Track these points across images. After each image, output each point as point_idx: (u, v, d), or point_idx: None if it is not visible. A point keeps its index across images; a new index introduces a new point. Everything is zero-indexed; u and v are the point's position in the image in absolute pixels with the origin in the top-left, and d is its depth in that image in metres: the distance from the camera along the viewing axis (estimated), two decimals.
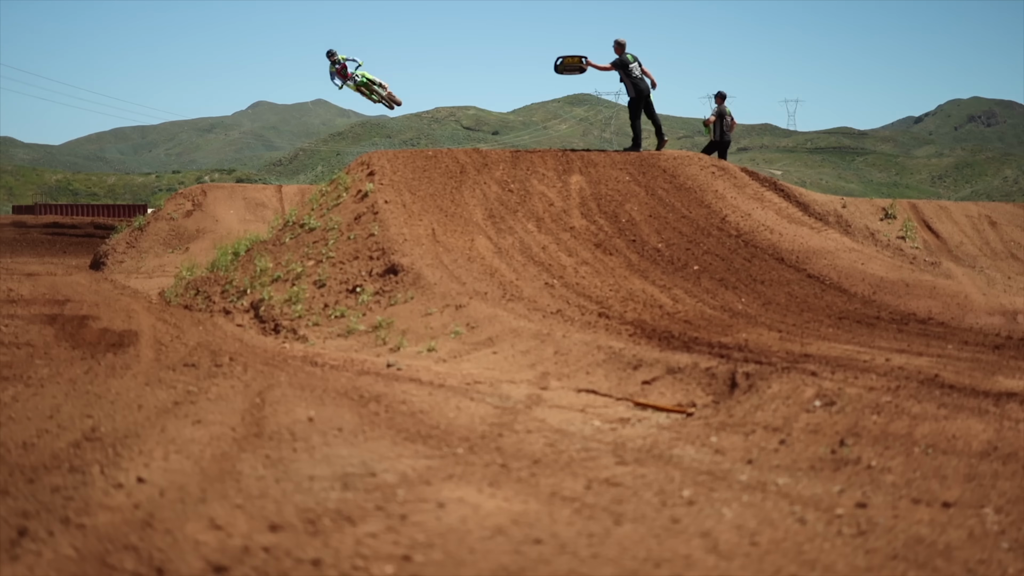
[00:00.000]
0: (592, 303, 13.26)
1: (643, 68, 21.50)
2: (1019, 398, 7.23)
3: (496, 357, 10.58)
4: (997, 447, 6.02)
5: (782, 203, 19.12)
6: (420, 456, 5.96)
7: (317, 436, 6.28)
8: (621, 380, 9.10)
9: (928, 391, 7.49)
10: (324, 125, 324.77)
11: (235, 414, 6.82)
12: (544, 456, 6.12)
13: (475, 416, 7.34)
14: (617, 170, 19.23)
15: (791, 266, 15.59)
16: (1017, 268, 20.29)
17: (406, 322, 12.50)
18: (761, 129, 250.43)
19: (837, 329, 11.77)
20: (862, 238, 19.32)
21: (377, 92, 25.84)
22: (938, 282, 14.94)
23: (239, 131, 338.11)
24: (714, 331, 11.39)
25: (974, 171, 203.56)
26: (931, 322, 12.53)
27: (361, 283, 14.07)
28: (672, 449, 6.40)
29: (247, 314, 14.16)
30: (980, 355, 9.78)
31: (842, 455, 6.08)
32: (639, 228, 16.80)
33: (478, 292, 13.32)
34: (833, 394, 7.40)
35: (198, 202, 30.27)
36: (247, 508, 4.84)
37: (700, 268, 15.24)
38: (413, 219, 15.90)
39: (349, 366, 9.55)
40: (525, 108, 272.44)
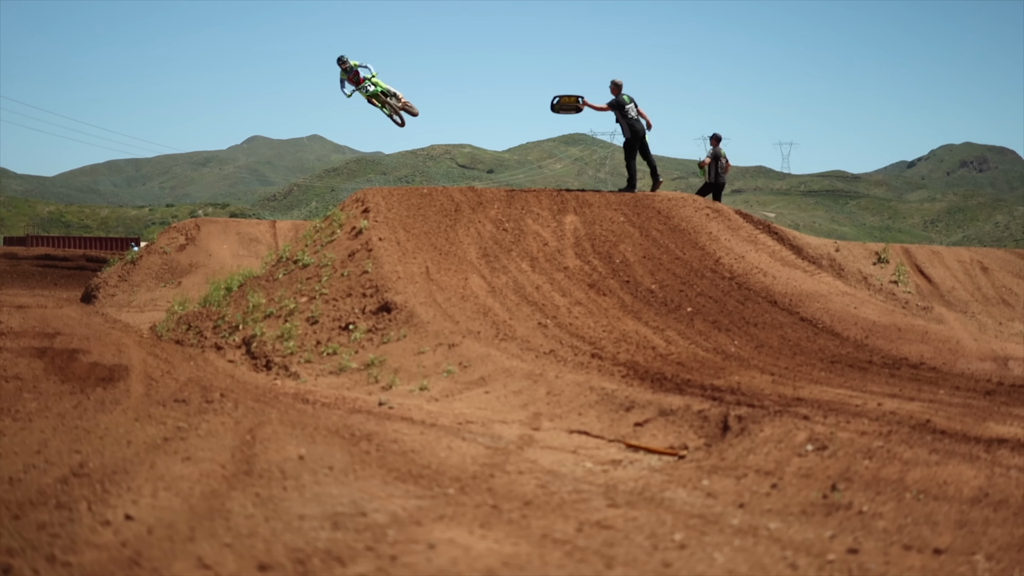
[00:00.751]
0: (585, 344, 13.25)
1: (639, 109, 21.56)
2: (1010, 444, 7.22)
3: (488, 397, 10.55)
4: (988, 493, 6.01)
5: (776, 246, 19.14)
6: (411, 496, 5.93)
7: (308, 474, 6.25)
8: (613, 421, 9.08)
9: (920, 436, 7.48)
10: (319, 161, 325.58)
11: (225, 451, 6.79)
12: (535, 497, 6.09)
13: (467, 456, 7.31)
14: (612, 211, 19.25)
15: (784, 309, 15.59)
16: (1009, 314, 20.31)
17: (398, 360, 12.47)
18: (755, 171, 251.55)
19: (829, 373, 11.76)
20: (855, 282, 19.35)
21: (390, 104, 24.61)
22: (930, 327, 14.93)
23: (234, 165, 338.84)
24: (707, 373, 11.38)
25: (966, 216, 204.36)
26: (923, 367, 12.53)
27: (354, 320, 14.05)
28: (664, 492, 6.38)
29: (239, 350, 14.14)
30: (972, 401, 9.77)
31: (834, 500, 6.06)
32: (633, 269, 16.80)
33: (471, 331, 13.30)
34: (825, 438, 7.38)
35: (191, 236, 30.25)
36: (236, 547, 4.81)
37: (693, 310, 15.23)
38: (407, 257, 15.90)
39: (341, 404, 9.52)
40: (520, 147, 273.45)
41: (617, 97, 21.48)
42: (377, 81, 24.16)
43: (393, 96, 24.56)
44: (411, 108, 25.10)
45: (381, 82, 24.22)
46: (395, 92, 24.59)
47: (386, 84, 24.33)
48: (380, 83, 24.18)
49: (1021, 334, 17.49)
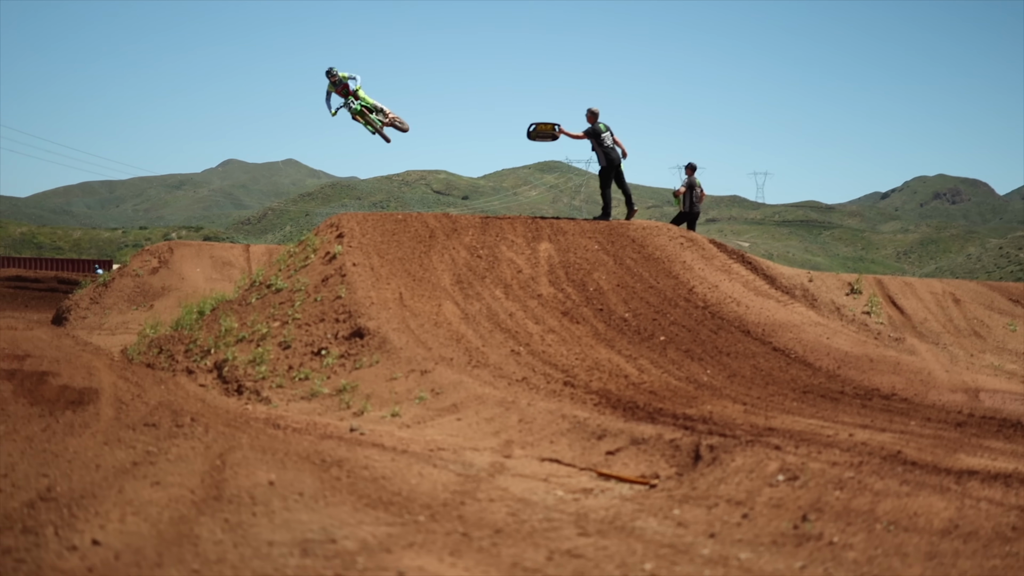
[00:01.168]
0: (558, 371, 13.24)
1: (615, 137, 21.62)
2: (980, 476, 7.24)
3: (460, 424, 10.53)
4: (958, 525, 6.02)
5: (749, 276, 19.18)
6: (381, 523, 5.91)
7: (277, 500, 6.22)
8: (585, 450, 9.07)
9: (891, 467, 7.49)
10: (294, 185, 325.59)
11: (195, 476, 6.74)
12: (506, 526, 6.08)
13: (437, 483, 7.28)
14: (586, 238, 19.27)
15: (757, 339, 15.61)
16: (980, 346, 20.37)
17: (371, 386, 12.44)
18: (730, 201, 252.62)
19: (801, 403, 11.78)
20: (828, 312, 19.40)
21: (373, 122, 23.71)
22: (902, 358, 14.98)
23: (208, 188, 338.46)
24: (679, 402, 11.38)
25: (939, 248, 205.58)
26: (895, 398, 12.56)
27: (326, 346, 14.02)
28: (635, 521, 6.37)
29: (210, 374, 14.08)
30: (943, 432, 9.80)
31: (804, 530, 6.06)
32: (606, 297, 16.81)
33: (444, 358, 13.28)
34: (796, 469, 7.39)
35: (164, 259, 30.16)
36: (204, 573, 4.78)
37: (666, 339, 15.24)
38: (381, 282, 15.87)
39: (312, 429, 9.48)
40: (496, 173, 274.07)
41: (593, 125, 21.53)
42: (363, 96, 23.53)
43: (379, 112, 23.89)
44: (400, 124, 24.48)
45: (367, 96, 23.59)
46: (381, 107, 23.91)
47: (372, 99, 23.70)
48: (366, 97, 23.54)
49: (992, 366, 17.56)
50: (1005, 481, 7.09)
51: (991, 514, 6.21)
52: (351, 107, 23.49)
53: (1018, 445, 9.32)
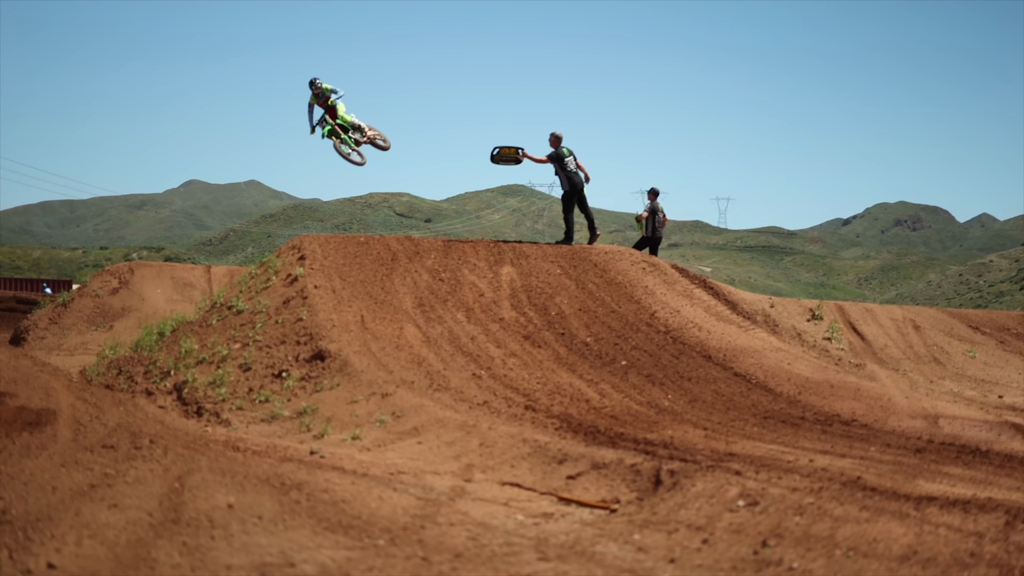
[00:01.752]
0: (519, 395, 13.23)
1: (578, 162, 21.68)
2: (939, 502, 7.27)
3: (421, 447, 10.51)
4: (917, 551, 6.04)
5: (711, 301, 19.24)
6: (340, 547, 5.88)
7: (236, 523, 6.18)
8: (546, 474, 9.06)
9: (850, 493, 7.51)
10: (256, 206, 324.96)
11: (153, 499, 6.69)
12: (466, 550, 6.06)
13: (397, 507, 7.26)
14: (548, 263, 19.29)
15: (718, 364, 15.64)
16: (940, 372, 20.48)
17: (331, 409, 12.40)
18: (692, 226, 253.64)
19: (762, 428, 11.81)
20: (789, 338, 19.48)
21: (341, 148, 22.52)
22: (862, 384, 15.04)
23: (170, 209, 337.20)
24: (640, 427, 11.39)
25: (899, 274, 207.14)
26: (855, 424, 12.59)
27: (287, 368, 13.97)
28: (595, 546, 6.36)
29: (170, 396, 14.00)
30: (902, 458, 9.84)
31: (764, 556, 6.06)
32: (568, 321, 16.82)
33: (405, 381, 13.25)
34: (757, 494, 7.40)
35: (125, 280, 29.94)
36: None
37: (628, 363, 15.25)
38: (342, 305, 15.83)
39: (272, 452, 9.44)
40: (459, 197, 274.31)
41: (557, 150, 21.58)
42: (341, 114, 22.43)
43: (357, 130, 22.73)
44: (381, 143, 23.36)
45: (345, 115, 22.47)
46: (360, 125, 22.73)
47: (351, 116, 22.58)
48: (344, 116, 22.44)
49: (951, 392, 17.65)
50: (964, 507, 7.12)
51: (949, 540, 6.23)
52: (325, 123, 22.47)
53: (977, 471, 9.36)
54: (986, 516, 6.87)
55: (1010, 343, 24.34)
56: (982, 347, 23.40)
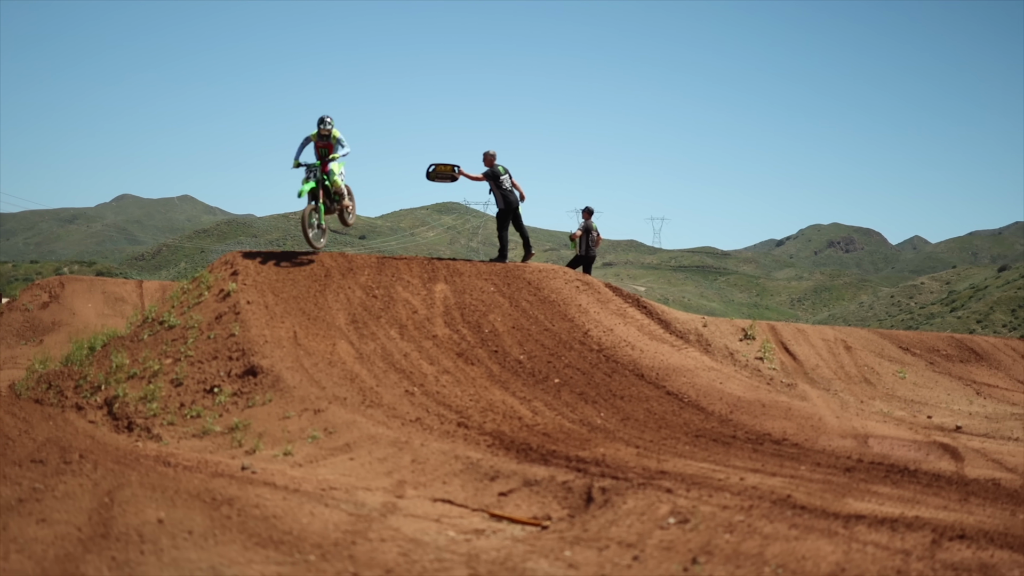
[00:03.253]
0: (452, 412, 13.24)
1: (513, 180, 21.72)
2: (868, 520, 7.35)
3: (353, 463, 10.49)
4: (845, 569, 6.10)
5: (644, 320, 19.34)
6: (271, 562, 5.87)
7: (166, 539, 6.15)
8: (478, 491, 9.08)
9: (780, 511, 7.58)
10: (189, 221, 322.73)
11: (82, 513, 6.65)
12: (397, 566, 6.06)
13: (329, 522, 7.25)
14: (482, 280, 19.31)
15: (651, 382, 15.73)
16: (870, 392, 20.67)
17: (263, 425, 12.35)
18: (627, 245, 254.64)
19: (694, 447, 11.88)
20: (721, 357, 19.59)
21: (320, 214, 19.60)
22: (794, 403, 15.17)
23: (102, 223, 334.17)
24: (572, 445, 11.43)
25: (832, 295, 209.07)
26: (785, 443, 12.70)
27: (219, 383, 13.89)
28: (526, 562, 6.38)
29: (100, 410, 13.88)
30: (832, 477, 9.94)
31: (695, 573, 6.11)
32: (502, 339, 16.85)
33: (337, 397, 13.23)
34: (687, 512, 7.46)
35: (55, 294, 29.69)
36: None
37: (561, 381, 15.30)
38: (275, 321, 15.77)
39: (203, 467, 9.39)
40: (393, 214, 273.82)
41: (492, 167, 21.62)
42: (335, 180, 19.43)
43: (339, 198, 19.81)
44: (346, 216, 20.42)
45: (338, 180, 19.51)
46: (343, 193, 19.83)
47: (341, 182, 19.62)
48: (336, 181, 19.46)
49: (881, 412, 17.82)
50: (892, 525, 7.21)
51: (877, 558, 6.31)
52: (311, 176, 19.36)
53: (905, 491, 9.47)
54: (913, 534, 6.95)
55: (939, 364, 24.65)
56: (912, 368, 23.67)
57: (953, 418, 17.56)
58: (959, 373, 24.16)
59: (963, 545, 6.73)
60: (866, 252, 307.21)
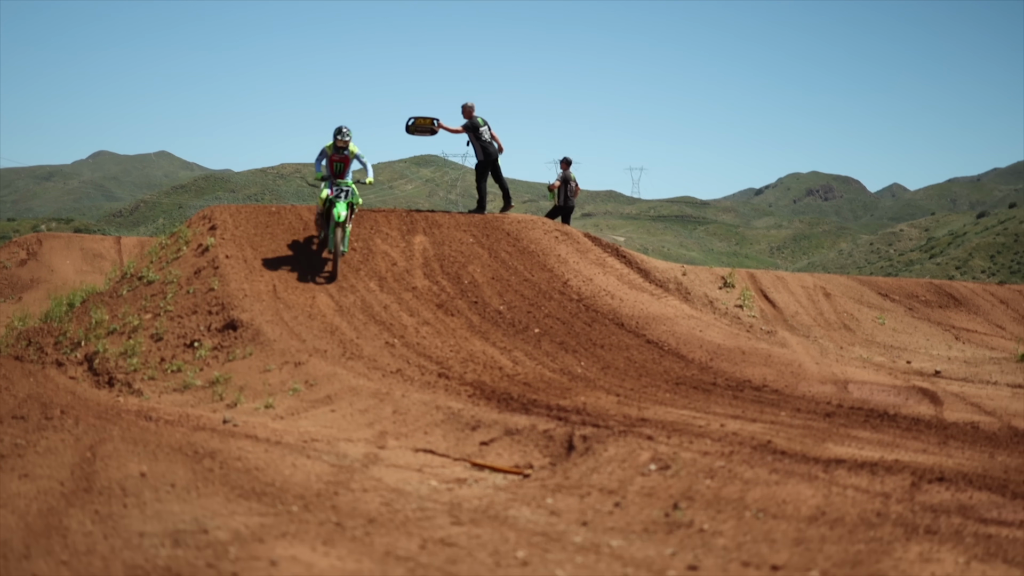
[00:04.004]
0: (432, 363, 13.25)
1: (492, 132, 21.61)
2: (847, 464, 7.39)
3: (334, 415, 10.50)
4: (825, 512, 6.14)
5: (624, 269, 19.34)
6: (254, 513, 5.87)
7: (149, 492, 6.15)
8: (459, 440, 9.10)
9: (761, 457, 7.61)
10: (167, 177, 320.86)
11: (64, 468, 6.64)
12: (379, 515, 6.08)
13: (311, 474, 7.25)
14: (461, 232, 19.29)
15: (631, 331, 15.75)
16: (849, 338, 20.71)
17: (244, 378, 12.35)
18: (606, 196, 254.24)
19: (674, 394, 11.91)
20: (701, 305, 19.61)
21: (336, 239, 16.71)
22: (773, 350, 15.21)
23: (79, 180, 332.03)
24: (553, 394, 11.45)
25: (811, 243, 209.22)
26: (766, 389, 12.74)
27: (199, 338, 13.88)
28: (508, 510, 6.40)
29: (81, 366, 13.86)
30: (812, 422, 9.98)
31: (675, 518, 6.14)
32: (481, 290, 16.85)
33: (318, 350, 13.23)
34: (668, 458, 7.48)
35: (33, 251, 29.51)
36: (73, 564, 4.72)
37: (541, 331, 15.32)
38: (254, 275, 15.75)
39: (184, 421, 9.38)
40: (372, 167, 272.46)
41: (471, 119, 21.51)
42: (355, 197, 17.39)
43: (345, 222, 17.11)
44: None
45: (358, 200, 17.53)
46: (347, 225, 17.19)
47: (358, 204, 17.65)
48: (357, 201, 17.48)
49: (861, 358, 17.87)
50: (871, 469, 7.24)
51: (857, 501, 6.34)
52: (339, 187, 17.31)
53: (884, 435, 9.52)
54: (893, 477, 6.99)
55: (918, 310, 24.69)
56: (891, 314, 23.71)
57: (932, 363, 17.63)
58: (938, 318, 24.22)
59: (942, 487, 6.77)
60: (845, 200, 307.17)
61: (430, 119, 21.98)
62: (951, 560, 5.21)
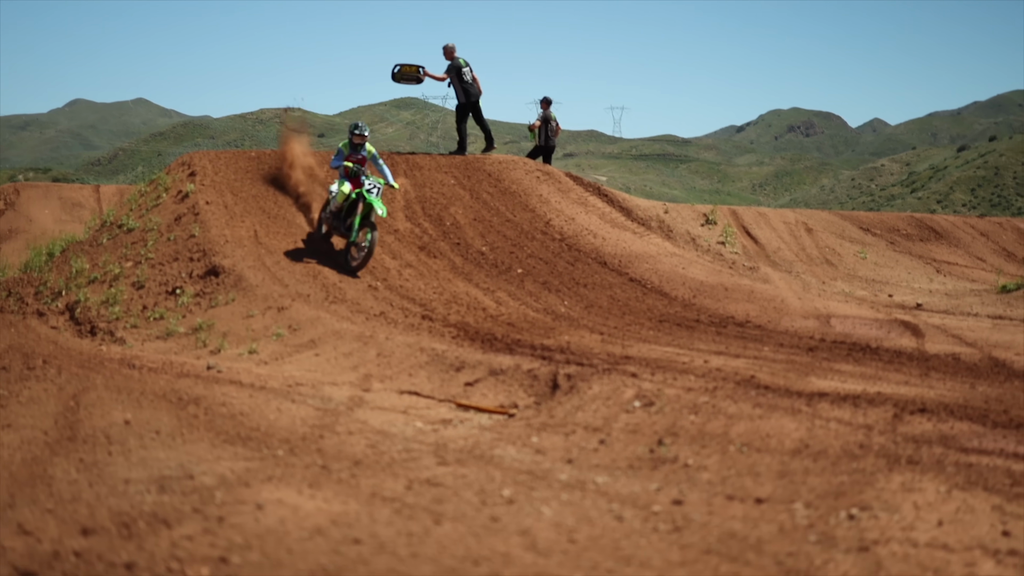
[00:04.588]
0: (415, 305, 13.26)
1: (473, 74, 21.51)
2: (830, 398, 7.43)
3: (318, 359, 10.51)
4: (808, 445, 6.17)
5: (606, 208, 19.33)
6: (239, 458, 5.88)
7: (134, 439, 6.15)
8: (444, 382, 9.12)
9: (744, 392, 7.64)
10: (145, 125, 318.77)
11: (48, 417, 6.64)
12: (365, 457, 6.09)
13: (296, 418, 7.27)
14: (442, 173, 19.24)
15: (613, 270, 15.77)
16: (832, 273, 20.77)
17: (227, 324, 12.34)
18: (587, 136, 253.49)
19: (657, 332, 11.94)
20: (683, 243, 19.64)
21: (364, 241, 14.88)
22: (756, 286, 15.24)
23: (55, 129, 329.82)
24: (537, 333, 11.47)
25: (793, 180, 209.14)
26: (749, 325, 12.78)
27: (181, 285, 13.85)
28: (493, 449, 6.42)
29: (62, 316, 13.82)
30: (795, 357, 10.02)
31: (660, 454, 6.17)
32: (463, 231, 16.83)
33: (301, 294, 13.22)
34: (652, 395, 7.51)
35: (11, 201, 29.36)
36: (58, 513, 4.72)
37: (524, 271, 15.32)
38: (235, 220, 15.69)
39: (168, 368, 9.37)
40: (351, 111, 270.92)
41: (453, 60, 21.39)
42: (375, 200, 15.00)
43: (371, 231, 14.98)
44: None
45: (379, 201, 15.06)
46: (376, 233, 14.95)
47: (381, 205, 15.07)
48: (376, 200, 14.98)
49: (843, 292, 17.94)
50: (854, 402, 7.28)
51: (840, 433, 6.37)
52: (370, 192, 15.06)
53: (867, 368, 9.56)
54: (875, 409, 7.03)
55: (900, 244, 24.76)
56: (873, 248, 23.78)
57: (914, 296, 17.70)
58: (919, 252, 24.29)
59: (924, 418, 6.81)
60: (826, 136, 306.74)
61: (416, 67, 21.87)
62: (932, 489, 5.24)
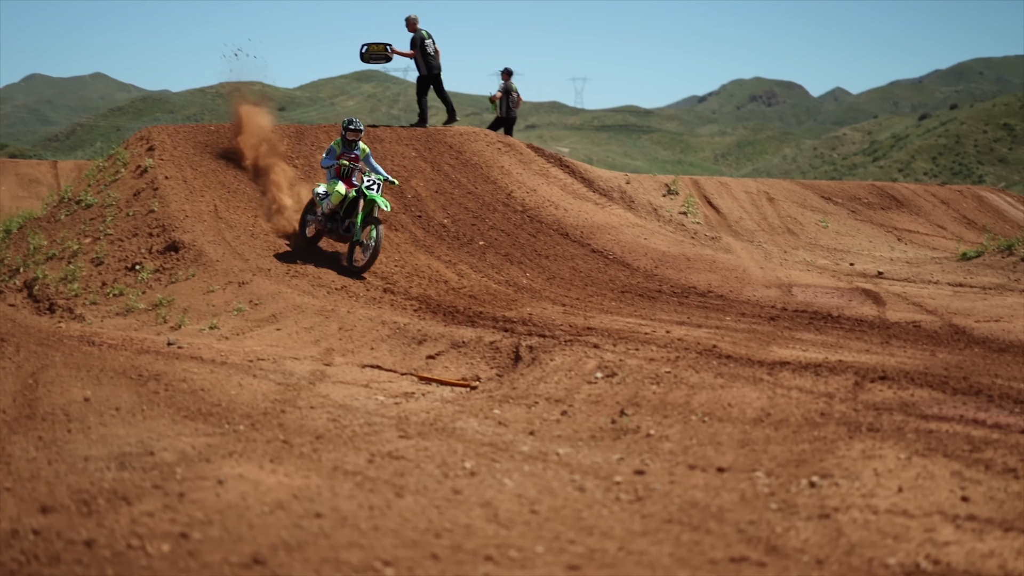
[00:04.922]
0: (377, 279, 13.24)
1: (436, 46, 21.44)
2: (792, 367, 7.46)
3: (280, 334, 10.48)
4: (770, 414, 6.20)
5: (567, 179, 19.32)
6: (200, 434, 5.86)
7: (93, 416, 6.12)
8: (406, 355, 9.12)
9: (706, 361, 7.67)
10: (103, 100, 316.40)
11: (6, 396, 6.60)
12: (327, 431, 6.08)
13: (258, 393, 7.25)
14: (403, 146, 19.17)
15: (575, 241, 15.78)
16: (793, 242, 20.82)
17: (187, 299, 12.29)
18: (549, 107, 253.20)
19: (620, 302, 11.97)
20: (645, 213, 19.64)
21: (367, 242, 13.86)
22: (718, 256, 15.29)
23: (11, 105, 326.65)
24: (499, 305, 11.48)
25: (755, 149, 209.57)
26: (711, 295, 12.82)
27: (141, 260, 13.77)
28: (455, 422, 6.43)
29: (20, 293, 13.72)
30: (756, 326, 10.06)
31: (622, 424, 6.18)
32: (425, 204, 16.79)
33: (262, 269, 13.17)
34: (615, 366, 7.53)
35: None
36: (17, 491, 4.69)
37: (486, 243, 15.31)
38: (195, 195, 15.60)
39: (128, 345, 9.34)
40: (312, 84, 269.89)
41: (416, 32, 21.31)
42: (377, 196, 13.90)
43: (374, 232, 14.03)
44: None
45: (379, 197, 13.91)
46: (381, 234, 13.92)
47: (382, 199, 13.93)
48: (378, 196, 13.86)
49: (805, 262, 17.99)
50: (815, 370, 7.32)
51: (801, 402, 6.41)
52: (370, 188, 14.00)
53: (828, 336, 9.61)
54: (836, 378, 7.07)
55: (861, 212, 24.83)
56: (834, 217, 23.84)
57: (875, 264, 17.77)
58: (880, 220, 24.37)
59: (884, 386, 6.85)
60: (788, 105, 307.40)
61: (383, 45, 21.78)
62: (893, 456, 5.27)
